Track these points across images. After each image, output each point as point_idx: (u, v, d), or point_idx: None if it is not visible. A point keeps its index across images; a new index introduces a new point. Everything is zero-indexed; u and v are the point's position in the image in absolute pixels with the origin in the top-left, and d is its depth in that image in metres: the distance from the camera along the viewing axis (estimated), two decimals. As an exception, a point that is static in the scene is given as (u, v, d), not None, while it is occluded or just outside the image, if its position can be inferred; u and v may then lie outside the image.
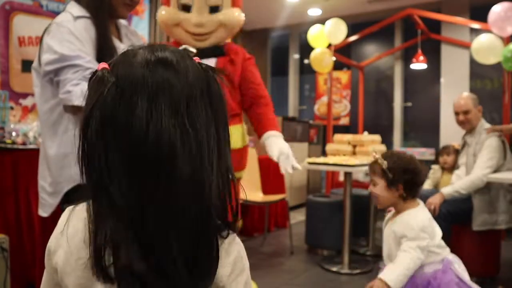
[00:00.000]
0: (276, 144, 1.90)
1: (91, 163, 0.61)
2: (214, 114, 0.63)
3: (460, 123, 3.00)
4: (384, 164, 1.67)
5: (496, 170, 2.76)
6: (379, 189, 1.68)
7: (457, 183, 2.78)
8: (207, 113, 0.62)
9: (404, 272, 1.57)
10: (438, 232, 1.68)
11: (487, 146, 2.80)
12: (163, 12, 1.98)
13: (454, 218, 2.70)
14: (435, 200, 2.71)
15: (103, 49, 1.43)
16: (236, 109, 1.99)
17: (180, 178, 0.59)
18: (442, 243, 1.68)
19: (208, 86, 0.64)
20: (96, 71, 0.62)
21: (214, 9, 1.97)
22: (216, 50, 1.98)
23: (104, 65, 0.63)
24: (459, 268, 1.64)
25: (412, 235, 1.59)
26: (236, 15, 2.00)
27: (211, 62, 1.92)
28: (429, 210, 2.64)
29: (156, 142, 0.58)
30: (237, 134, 2.00)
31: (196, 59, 0.67)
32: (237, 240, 0.68)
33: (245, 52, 2.07)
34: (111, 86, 0.59)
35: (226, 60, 1.98)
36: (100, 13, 1.45)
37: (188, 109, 0.60)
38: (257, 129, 2.02)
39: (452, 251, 1.76)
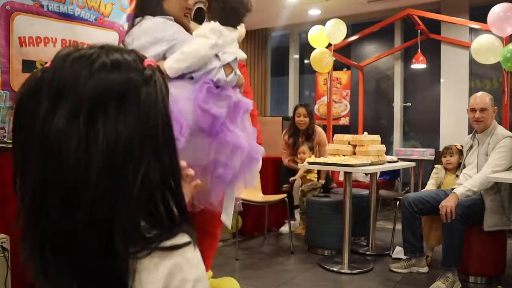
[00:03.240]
0: None
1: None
2: (141, 121, 0.60)
3: (475, 121, 2.91)
4: None
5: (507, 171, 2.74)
6: None
7: (467, 182, 2.74)
8: (128, 119, 0.59)
9: (190, 51, 1.74)
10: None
11: (500, 146, 2.78)
12: None
13: (468, 219, 2.69)
14: (450, 203, 2.66)
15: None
16: None
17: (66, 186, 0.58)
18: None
19: (141, 90, 0.61)
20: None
21: None
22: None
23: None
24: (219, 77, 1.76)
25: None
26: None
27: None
28: (444, 213, 2.64)
29: (44, 139, 0.58)
30: None
31: (152, 62, 0.64)
32: (175, 249, 0.62)
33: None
34: (36, 80, 0.61)
35: None
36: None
37: (96, 112, 0.58)
38: None
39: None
